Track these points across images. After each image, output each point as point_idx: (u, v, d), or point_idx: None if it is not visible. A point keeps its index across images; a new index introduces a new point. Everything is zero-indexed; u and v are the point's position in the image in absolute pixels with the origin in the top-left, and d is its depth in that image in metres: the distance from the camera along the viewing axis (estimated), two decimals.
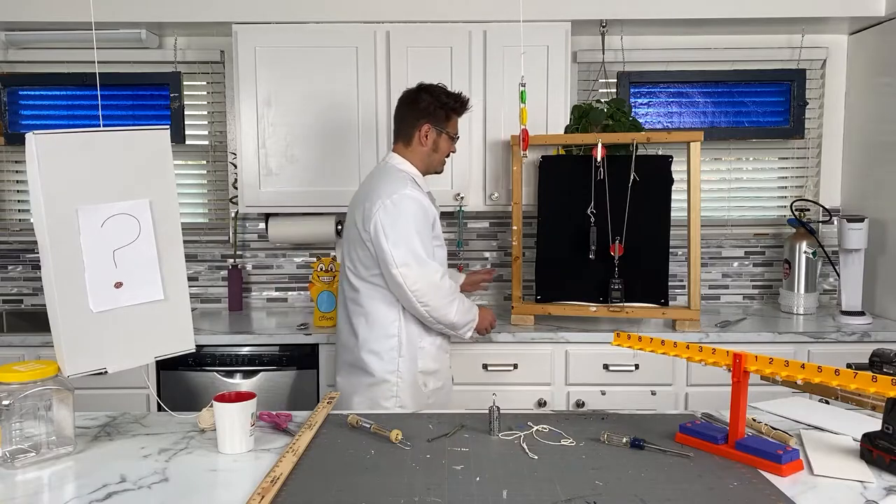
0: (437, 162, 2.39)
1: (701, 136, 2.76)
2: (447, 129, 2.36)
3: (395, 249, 2.17)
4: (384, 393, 2.25)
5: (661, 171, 2.79)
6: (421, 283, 2.17)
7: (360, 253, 2.27)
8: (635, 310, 2.83)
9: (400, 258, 2.16)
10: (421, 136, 2.33)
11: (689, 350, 1.55)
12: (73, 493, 1.32)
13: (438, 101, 2.32)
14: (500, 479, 1.36)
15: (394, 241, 2.17)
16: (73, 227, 1.47)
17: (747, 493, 1.29)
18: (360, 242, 2.25)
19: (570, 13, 2.98)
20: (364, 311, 2.28)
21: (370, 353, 2.26)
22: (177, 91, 3.31)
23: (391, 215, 2.18)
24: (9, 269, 3.44)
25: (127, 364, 1.55)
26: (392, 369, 2.26)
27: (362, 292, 2.28)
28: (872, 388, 1.26)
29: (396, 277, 2.17)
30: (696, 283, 2.82)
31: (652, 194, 2.77)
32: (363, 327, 2.28)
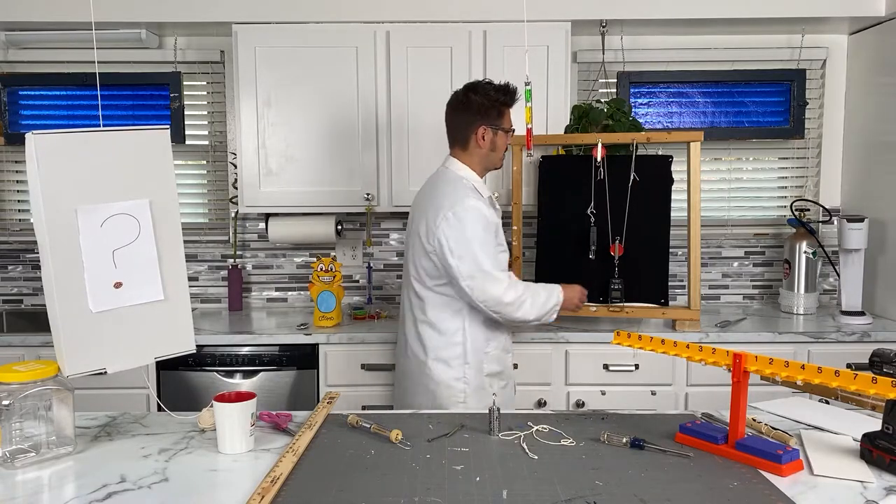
0: (496, 160, 2.36)
1: (701, 136, 2.76)
2: (502, 125, 2.31)
3: (460, 264, 2.17)
4: (451, 399, 2.25)
5: (661, 171, 2.78)
6: (487, 296, 2.18)
7: (424, 263, 2.27)
8: (635, 310, 2.82)
9: (466, 272, 2.17)
10: (478, 138, 2.29)
11: (689, 350, 1.55)
12: (73, 493, 1.32)
13: (489, 100, 2.28)
14: (500, 479, 1.36)
15: (459, 255, 2.17)
16: (72, 227, 1.47)
17: (747, 493, 1.29)
18: (424, 253, 2.26)
19: (570, 13, 2.98)
20: (429, 319, 2.28)
21: (437, 360, 2.26)
22: (177, 91, 3.31)
23: (454, 229, 2.18)
24: (9, 269, 3.44)
25: (127, 364, 1.55)
26: (458, 376, 2.26)
27: (427, 301, 2.28)
28: (872, 390, 1.26)
29: (465, 290, 2.19)
30: (696, 283, 2.81)
31: (652, 194, 2.76)
32: (430, 335, 2.28)
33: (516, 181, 2.92)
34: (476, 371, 2.28)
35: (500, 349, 2.36)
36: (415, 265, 2.30)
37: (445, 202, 2.21)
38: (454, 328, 2.26)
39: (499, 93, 2.28)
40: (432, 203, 2.25)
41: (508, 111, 2.33)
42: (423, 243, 2.24)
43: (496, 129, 2.30)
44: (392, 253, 3.44)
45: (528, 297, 2.25)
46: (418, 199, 2.40)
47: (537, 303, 2.27)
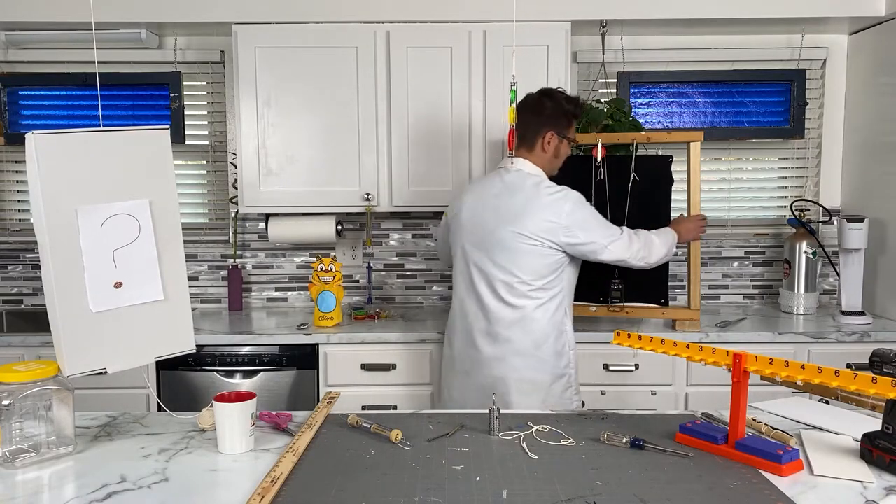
0: (556, 166, 2.42)
1: (701, 135, 2.76)
2: (568, 134, 2.38)
3: (598, 237, 2.28)
4: (563, 386, 2.32)
5: (662, 170, 2.77)
6: (632, 250, 2.34)
7: (531, 262, 2.26)
8: (635, 310, 2.83)
9: (604, 240, 2.28)
10: (544, 142, 2.34)
11: (689, 350, 1.55)
12: (73, 493, 1.32)
13: (561, 108, 2.35)
14: (500, 479, 1.36)
15: (586, 231, 2.26)
16: (72, 227, 1.47)
17: (747, 493, 1.29)
18: (533, 252, 2.25)
19: (570, 13, 2.98)
20: (535, 317, 2.28)
21: (553, 354, 2.30)
22: (177, 91, 3.31)
23: (577, 212, 2.26)
24: (9, 269, 3.44)
25: (127, 364, 1.55)
26: (567, 362, 2.34)
27: (535, 299, 2.28)
28: (872, 390, 1.26)
29: (613, 254, 2.31)
30: (697, 283, 2.82)
31: (652, 194, 2.76)
32: (542, 332, 2.29)
33: None
34: (575, 356, 2.37)
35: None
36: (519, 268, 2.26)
37: (545, 197, 2.26)
38: (559, 317, 2.32)
39: (570, 103, 2.37)
40: (538, 201, 2.25)
41: (575, 125, 2.42)
42: (538, 241, 2.24)
43: (562, 137, 2.36)
44: (392, 253, 3.44)
45: (647, 235, 2.44)
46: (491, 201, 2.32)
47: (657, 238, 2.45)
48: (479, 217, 2.34)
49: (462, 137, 3.02)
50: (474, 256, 2.33)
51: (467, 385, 2.35)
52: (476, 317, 2.33)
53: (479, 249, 2.32)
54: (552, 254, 2.26)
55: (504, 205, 2.29)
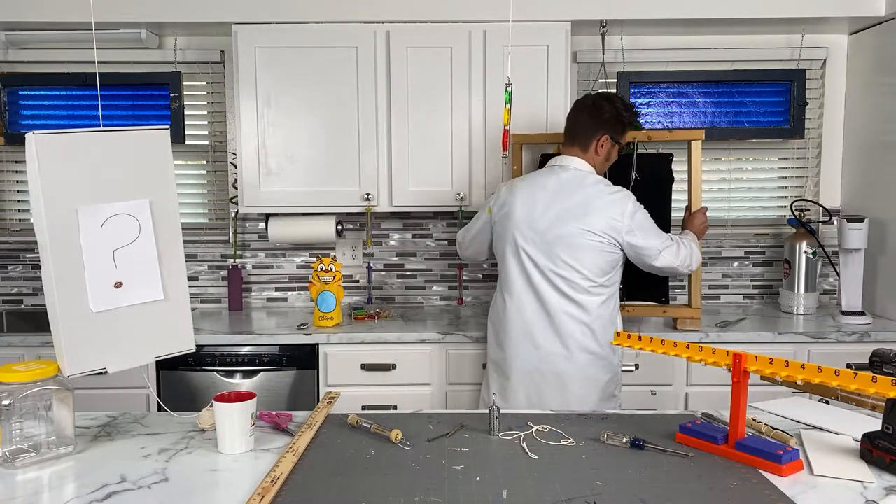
0: (605, 169, 2.47)
1: (702, 134, 2.76)
2: (621, 140, 2.44)
3: (655, 241, 2.33)
4: (615, 383, 2.38)
5: (662, 169, 2.78)
6: (681, 257, 2.38)
7: (595, 258, 2.29)
8: (636, 308, 2.84)
9: (659, 245, 2.33)
10: (598, 145, 2.39)
11: (689, 350, 1.55)
12: (73, 493, 1.33)
13: (619, 115, 2.39)
14: (500, 479, 1.36)
15: (644, 234, 2.31)
16: (73, 227, 1.47)
17: (747, 493, 1.29)
18: (597, 248, 2.28)
19: (570, 13, 2.98)
20: (599, 314, 2.32)
21: (611, 350, 2.34)
22: (177, 91, 3.31)
23: (639, 215, 2.31)
24: (9, 269, 3.44)
25: (127, 364, 1.55)
26: (619, 359, 2.41)
27: (599, 295, 2.32)
28: (872, 389, 1.26)
29: (665, 261, 2.35)
30: (697, 282, 2.81)
31: (653, 193, 2.73)
32: (605, 328, 2.33)
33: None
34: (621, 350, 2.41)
35: None
36: (583, 265, 2.28)
37: (606, 196, 2.30)
38: (616, 312, 2.39)
39: (628, 111, 2.42)
40: (601, 199, 2.29)
41: (627, 132, 2.47)
42: (602, 239, 2.27)
43: (615, 142, 2.42)
44: (392, 253, 3.44)
45: (688, 242, 2.47)
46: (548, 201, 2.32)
47: (693, 244, 2.49)
48: (536, 214, 2.33)
49: (462, 137, 3.02)
50: (532, 253, 2.33)
51: (527, 385, 2.34)
52: (536, 314, 2.33)
53: (536, 246, 2.33)
54: (614, 251, 2.31)
55: (565, 202, 2.31)
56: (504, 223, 2.40)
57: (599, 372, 2.33)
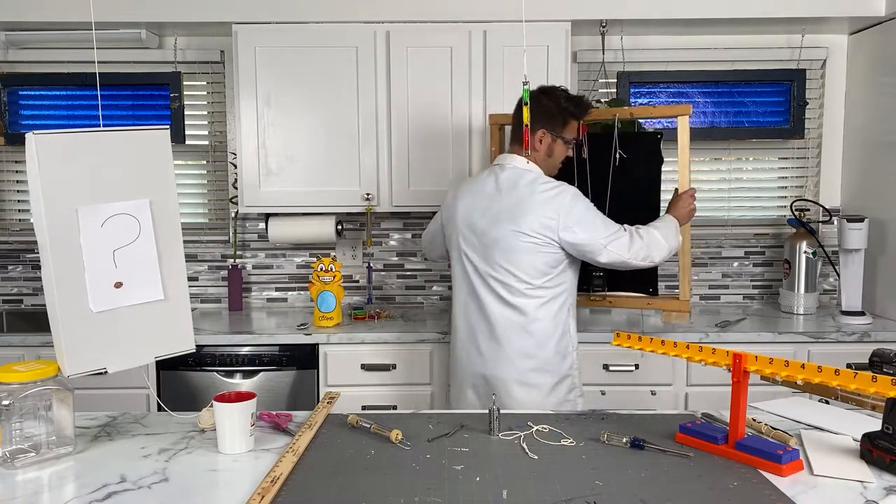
0: (551, 166, 2.35)
1: (688, 109, 2.51)
2: (563, 134, 2.32)
3: (597, 234, 2.20)
4: (567, 389, 2.28)
5: (650, 149, 2.54)
6: (633, 249, 2.24)
7: (531, 260, 2.21)
8: (618, 299, 2.64)
9: (603, 239, 2.20)
10: (535, 140, 2.29)
11: (689, 350, 1.55)
12: (73, 493, 1.33)
13: (557, 106, 2.29)
14: (500, 479, 1.36)
15: (585, 228, 2.19)
16: (73, 227, 1.47)
17: (747, 493, 1.29)
18: (533, 250, 2.20)
19: (570, 13, 2.98)
20: (537, 317, 2.24)
21: (556, 355, 2.26)
22: (177, 91, 3.31)
23: (576, 208, 2.19)
24: (9, 269, 3.44)
25: (127, 364, 1.55)
26: (570, 364, 2.30)
27: (531, 299, 2.23)
28: (872, 389, 1.26)
29: (612, 256, 2.22)
30: (686, 272, 2.57)
31: (640, 175, 2.54)
32: (542, 333, 2.24)
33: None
34: (577, 356, 2.33)
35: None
36: (518, 267, 2.21)
37: (540, 194, 2.20)
38: (562, 317, 2.28)
39: (569, 102, 2.31)
40: (533, 198, 2.20)
41: (575, 123, 2.35)
42: (536, 239, 2.19)
43: (556, 136, 2.31)
44: (392, 253, 3.44)
45: (651, 231, 2.30)
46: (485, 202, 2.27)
47: (666, 234, 2.33)
48: (475, 216, 2.30)
49: (462, 137, 3.02)
50: (472, 258, 2.30)
51: (474, 387, 2.33)
52: (478, 319, 2.30)
53: (475, 251, 2.29)
54: (552, 251, 2.21)
55: (500, 203, 2.24)
56: (449, 226, 2.39)
57: (543, 378, 2.24)
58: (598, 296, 2.65)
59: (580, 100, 2.34)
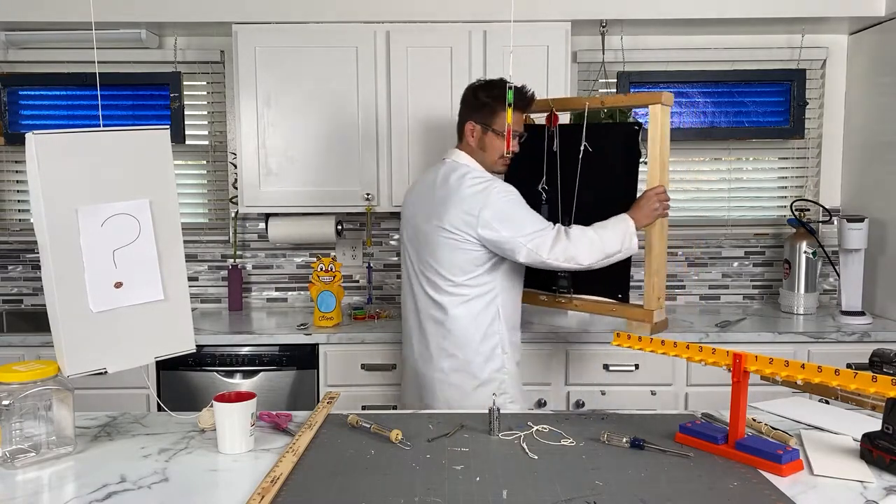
0: (489, 161, 2.26)
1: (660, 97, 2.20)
2: (492, 125, 2.23)
3: (518, 232, 2.10)
4: (491, 392, 2.19)
5: (627, 141, 2.30)
6: (557, 250, 2.11)
7: (452, 257, 2.17)
8: (584, 303, 2.44)
9: (522, 237, 2.10)
10: (466, 133, 2.26)
11: (689, 350, 1.55)
12: (73, 493, 1.32)
13: (484, 96, 2.23)
14: (500, 479, 1.36)
15: (505, 225, 2.10)
16: (73, 227, 1.47)
17: (747, 493, 1.29)
18: (454, 246, 2.16)
19: (570, 13, 2.98)
20: (459, 315, 2.19)
21: (478, 356, 2.20)
22: (177, 91, 3.31)
23: (494, 204, 2.11)
24: (9, 269, 3.44)
25: (127, 364, 1.55)
26: (498, 367, 2.23)
27: (454, 298, 2.19)
28: (872, 389, 1.26)
29: (530, 256, 2.11)
30: (655, 277, 2.27)
31: (614, 169, 2.32)
32: (462, 333, 2.19)
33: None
34: (512, 361, 2.27)
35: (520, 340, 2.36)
36: (439, 264, 2.19)
37: (474, 188, 2.14)
38: (489, 318, 2.21)
39: (493, 89, 2.23)
40: (458, 193, 2.15)
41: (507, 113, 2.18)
42: (456, 235, 2.14)
43: (486, 128, 2.23)
44: (392, 253, 3.44)
45: (584, 233, 2.16)
46: (422, 196, 2.30)
47: (607, 231, 2.17)
48: (413, 212, 2.30)
49: None
50: (410, 253, 2.31)
51: (412, 383, 2.33)
52: (413, 315, 2.30)
53: (413, 246, 2.29)
54: (473, 248, 2.15)
55: (433, 198, 2.22)
56: (401, 224, 2.41)
57: (464, 379, 2.20)
58: (563, 297, 2.49)
59: (498, 88, 2.20)
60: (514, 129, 2.24)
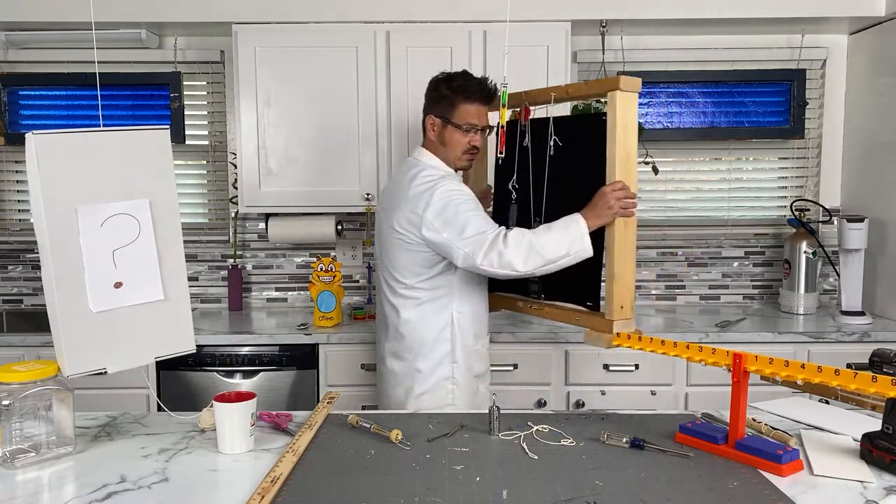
0: (452, 158, 2.17)
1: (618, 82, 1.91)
2: (453, 119, 2.13)
3: (456, 235, 1.99)
4: (440, 400, 2.15)
5: (594, 134, 2.00)
6: (489, 258, 1.95)
7: (404, 259, 2.12)
8: (551, 310, 2.21)
9: (459, 242, 1.99)
10: (427, 128, 2.18)
11: (689, 350, 1.55)
12: (73, 493, 1.32)
13: (443, 88, 2.14)
14: (500, 479, 1.36)
15: (447, 227, 2.01)
16: (72, 227, 1.47)
17: (747, 493, 1.29)
18: (404, 248, 2.11)
19: (570, 13, 2.98)
20: (412, 318, 2.15)
21: (425, 360, 2.14)
22: (177, 91, 3.30)
23: (435, 205, 2.02)
24: (9, 269, 3.44)
25: (127, 364, 1.55)
26: (447, 375, 2.16)
27: (409, 299, 2.15)
28: (872, 389, 1.26)
29: (467, 261, 2.00)
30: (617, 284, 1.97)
31: (583, 164, 2.06)
32: (414, 335, 2.15)
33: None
34: (465, 370, 2.18)
35: (486, 348, 2.28)
36: (391, 264, 2.17)
37: (421, 187, 2.07)
38: (441, 325, 2.14)
39: (453, 81, 2.13)
40: (407, 192, 2.10)
41: (469, 107, 2.13)
42: (403, 236, 2.09)
43: (446, 122, 2.14)
44: None
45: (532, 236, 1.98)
46: (386, 194, 2.29)
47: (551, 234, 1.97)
48: (379, 212, 2.31)
49: None
50: (377, 253, 2.32)
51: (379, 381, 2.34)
52: (378, 313, 2.32)
53: (377, 246, 2.30)
54: (421, 250, 2.08)
55: (390, 198, 2.20)
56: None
57: (411, 384, 2.16)
58: (535, 304, 2.26)
59: (466, 81, 2.12)
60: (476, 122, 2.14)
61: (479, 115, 2.16)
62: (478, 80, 2.14)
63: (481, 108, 2.16)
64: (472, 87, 2.13)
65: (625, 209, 1.94)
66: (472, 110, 2.14)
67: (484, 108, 2.17)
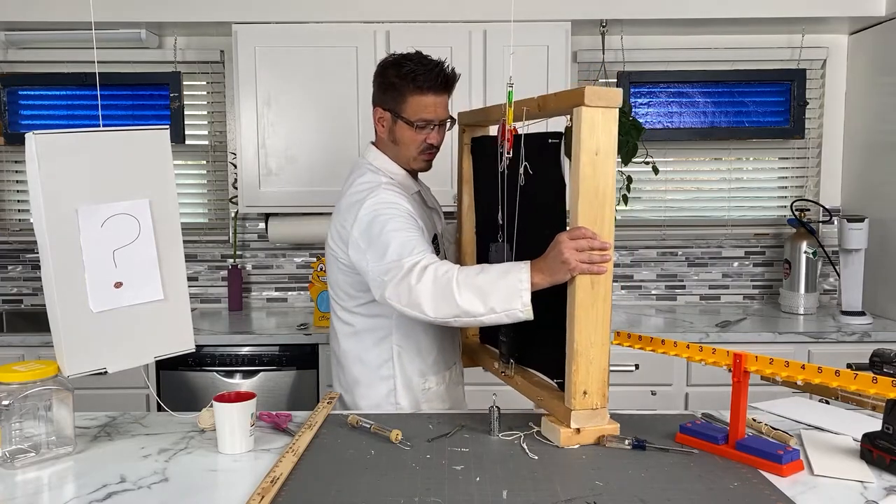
0: (404, 156, 1.84)
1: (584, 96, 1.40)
2: (402, 112, 1.77)
3: (374, 264, 1.66)
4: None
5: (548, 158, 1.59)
6: (402, 297, 1.59)
7: (337, 277, 1.84)
8: (521, 381, 1.72)
9: (375, 268, 1.66)
10: (376, 122, 1.85)
11: (689, 350, 1.55)
12: (73, 493, 1.32)
13: (384, 78, 1.78)
14: (500, 479, 1.36)
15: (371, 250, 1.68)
16: (73, 227, 1.47)
17: (747, 493, 1.29)
18: (337, 267, 1.83)
19: (570, 13, 2.98)
20: (351, 348, 1.87)
21: (363, 398, 1.87)
22: (177, 91, 3.31)
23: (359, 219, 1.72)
24: (9, 269, 3.44)
25: (127, 364, 1.55)
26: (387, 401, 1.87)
27: (348, 326, 1.87)
28: (873, 390, 1.26)
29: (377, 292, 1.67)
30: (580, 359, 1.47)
31: (542, 189, 1.63)
32: (351, 369, 1.88)
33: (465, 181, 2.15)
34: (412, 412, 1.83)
35: (448, 382, 1.93)
36: (330, 283, 1.88)
37: (353, 197, 1.77)
38: (381, 360, 1.83)
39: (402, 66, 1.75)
40: (340, 202, 1.82)
41: (421, 99, 1.77)
42: (335, 252, 1.81)
43: (395, 116, 1.79)
44: None
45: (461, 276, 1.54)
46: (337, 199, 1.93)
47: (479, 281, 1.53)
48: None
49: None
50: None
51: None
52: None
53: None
54: (351, 270, 1.76)
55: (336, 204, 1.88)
56: None
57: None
58: (504, 366, 1.79)
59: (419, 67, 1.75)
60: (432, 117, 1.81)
61: (435, 108, 1.79)
62: (432, 65, 1.77)
63: (438, 99, 1.79)
64: (423, 74, 1.74)
65: (588, 264, 1.44)
66: (426, 102, 1.77)
67: (442, 97, 1.80)
